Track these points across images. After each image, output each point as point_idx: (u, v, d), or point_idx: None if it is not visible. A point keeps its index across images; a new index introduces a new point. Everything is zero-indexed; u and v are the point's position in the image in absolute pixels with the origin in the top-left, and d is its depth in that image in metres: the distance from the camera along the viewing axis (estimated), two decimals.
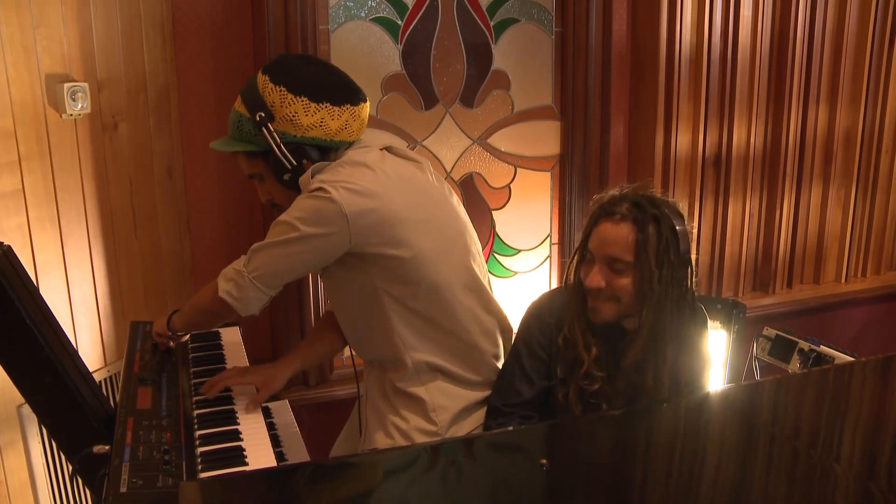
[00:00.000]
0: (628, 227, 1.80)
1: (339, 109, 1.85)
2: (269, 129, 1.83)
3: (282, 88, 1.82)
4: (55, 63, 2.19)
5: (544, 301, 2.03)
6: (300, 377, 2.76)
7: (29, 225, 2.17)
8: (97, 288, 2.39)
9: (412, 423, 1.96)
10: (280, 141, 1.83)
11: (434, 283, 1.89)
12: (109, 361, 2.44)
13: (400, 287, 1.88)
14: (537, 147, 3.06)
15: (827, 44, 3.23)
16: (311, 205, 1.77)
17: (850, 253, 3.55)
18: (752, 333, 3.10)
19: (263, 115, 1.83)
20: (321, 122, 1.84)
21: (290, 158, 1.84)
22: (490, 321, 2.03)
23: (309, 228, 1.77)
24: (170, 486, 1.50)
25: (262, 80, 1.85)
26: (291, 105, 1.82)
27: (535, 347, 1.97)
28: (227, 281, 1.85)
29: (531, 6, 2.93)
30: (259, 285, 1.83)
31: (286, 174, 1.87)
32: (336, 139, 1.87)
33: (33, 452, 2.18)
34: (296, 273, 1.92)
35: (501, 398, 1.99)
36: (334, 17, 2.67)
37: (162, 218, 2.56)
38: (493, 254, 3.09)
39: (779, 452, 1.53)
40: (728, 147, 3.15)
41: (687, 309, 1.89)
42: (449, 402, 1.97)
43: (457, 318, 1.95)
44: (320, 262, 1.86)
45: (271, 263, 1.82)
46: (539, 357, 1.97)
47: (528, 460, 1.48)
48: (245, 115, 1.86)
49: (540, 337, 1.97)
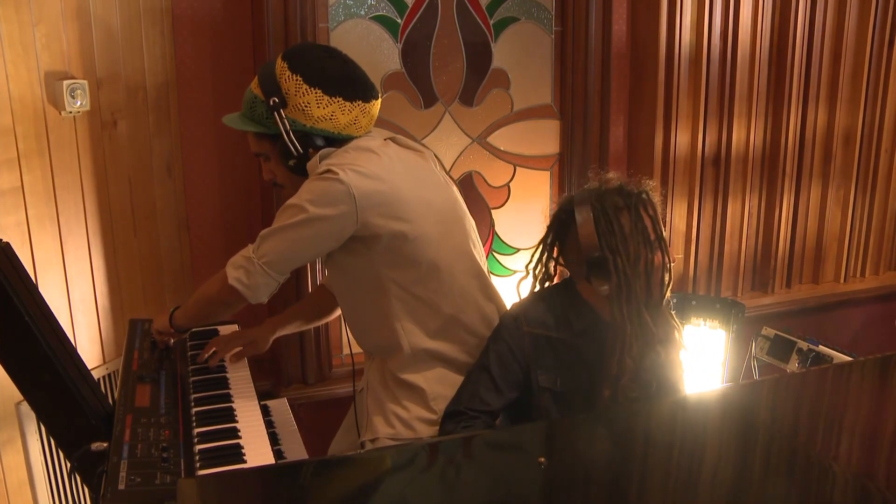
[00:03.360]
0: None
1: (350, 105, 1.89)
2: (281, 116, 1.88)
3: (298, 78, 1.86)
4: (54, 60, 2.19)
5: (519, 312, 1.97)
6: (299, 375, 2.76)
7: (28, 222, 2.17)
8: (96, 285, 2.39)
9: (413, 413, 1.98)
10: (290, 128, 1.88)
11: (435, 263, 1.92)
12: (108, 359, 2.44)
13: (402, 271, 1.90)
14: (537, 146, 3.06)
15: (826, 43, 3.23)
16: (319, 186, 1.81)
17: (849, 253, 3.55)
18: (750, 333, 3.10)
19: (277, 100, 1.87)
20: (332, 115, 1.88)
21: (297, 146, 1.89)
22: (490, 307, 2.06)
23: (318, 209, 1.80)
24: (168, 483, 1.49)
25: (280, 65, 1.89)
26: (305, 95, 1.86)
27: (508, 359, 1.93)
28: (237, 268, 1.88)
29: (531, 5, 2.93)
30: (269, 271, 1.86)
31: (291, 160, 1.92)
32: (344, 133, 1.91)
33: (32, 450, 2.18)
34: (304, 257, 1.97)
35: (464, 404, 1.94)
36: (334, 16, 2.67)
37: (161, 215, 2.56)
38: (493, 252, 3.09)
39: (777, 452, 1.53)
40: (727, 146, 3.15)
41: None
42: (448, 391, 1.99)
43: (457, 302, 1.97)
44: (328, 246, 1.89)
45: (281, 248, 1.85)
46: (511, 368, 1.93)
47: (526, 459, 1.48)
48: (259, 98, 1.91)
49: (514, 348, 1.93)
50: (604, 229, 1.81)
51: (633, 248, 1.81)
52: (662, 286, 1.87)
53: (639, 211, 1.83)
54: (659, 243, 1.84)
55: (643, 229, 1.83)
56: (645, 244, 1.82)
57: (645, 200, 1.85)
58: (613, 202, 1.83)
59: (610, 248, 1.80)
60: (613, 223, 1.81)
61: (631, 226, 1.82)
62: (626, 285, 1.81)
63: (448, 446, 1.66)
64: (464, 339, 2.01)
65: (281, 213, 1.87)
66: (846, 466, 1.46)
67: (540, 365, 1.92)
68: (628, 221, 1.82)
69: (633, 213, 1.83)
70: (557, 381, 1.92)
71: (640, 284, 1.82)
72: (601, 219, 1.81)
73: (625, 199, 1.84)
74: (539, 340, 1.92)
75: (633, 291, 1.81)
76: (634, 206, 1.83)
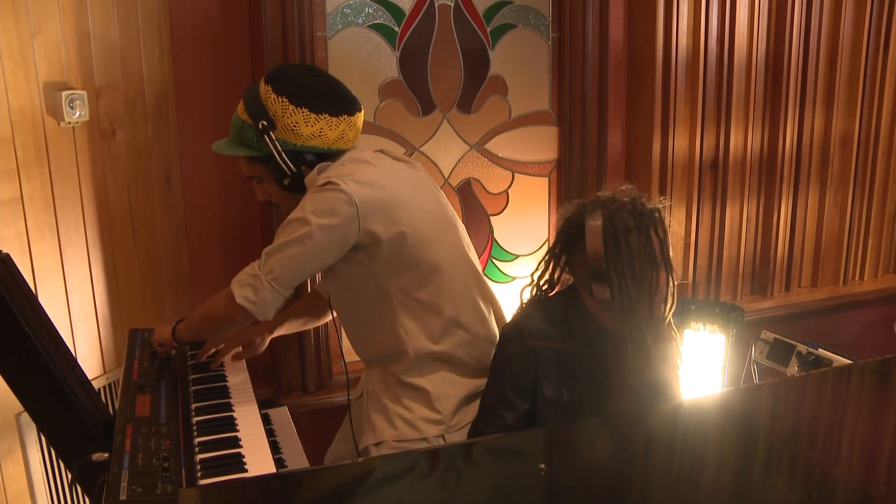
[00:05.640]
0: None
1: (336, 120, 1.94)
2: (272, 137, 1.92)
3: (284, 99, 1.91)
4: (53, 71, 2.19)
5: (521, 324, 1.97)
6: (299, 383, 2.76)
7: (27, 233, 2.17)
8: (96, 295, 2.39)
9: (417, 413, 2.00)
10: (281, 148, 1.92)
11: (436, 264, 1.96)
12: (108, 369, 2.44)
13: (404, 275, 1.94)
14: (535, 152, 3.06)
15: (823, 48, 3.23)
16: (322, 198, 1.85)
17: (847, 256, 3.55)
18: (750, 337, 3.10)
19: (266, 123, 1.91)
20: (320, 132, 1.93)
21: (289, 165, 1.94)
22: (487, 308, 2.10)
23: (322, 220, 1.83)
24: (169, 492, 1.50)
25: (264, 89, 1.93)
26: (293, 115, 1.91)
27: (517, 374, 1.93)
28: (244, 287, 1.89)
29: (528, 12, 2.93)
30: (276, 287, 1.88)
31: (286, 179, 1.96)
32: (333, 147, 1.97)
33: (32, 460, 2.18)
34: (310, 270, 1.98)
35: (486, 424, 1.95)
36: (331, 24, 2.67)
37: (160, 224, 2.56)
38: (492, 259, 3.09)
39: (777, 456, 1.53)
40: (725, 151, 3.15)
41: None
42: (452, 391, 2.02)
43: (457, 303, 2.01)
44: (333, 256, 1.91)
45: (287, 263, 1.88)
46: (521, 382, 1.93)
47: (526, 465, 1.48)
48: (248, 123, 1.95)
49: (522, 363, 1.93)
50: (612, 251, 1.81)
51: (640, 269, 1.81)
52: (665, 306, 1.88)
53: (649, 233, 1.83)
54: (665, 264, 1.84)
55: (651, 252, 1.83)
56: (651, 266, 1.82)
57: (657, 220, 1.85)
58: (624, 222, 1.82)
59: (616, 271, 1.80)
60: (622, 244, 1.81)
61: (639, 247, 1.81)
62: (629, 306, 1.81)
63: (448, 453, 1.66)
64: (464, 339, 2.03)
65: (283, 228, 1.89)
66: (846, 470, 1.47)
67: (545, 376, 1.92)
68: (637, 242, 1.81)
69: (644, 234, 1.83)
70: (563, 393, 1.92)
71: (644, 304, 1.82)
72: (610, 239, 1.81)
73: (636, 219, 1.83)
74: (544, 352, 1.92)
75: (636, 311, 1.81)
76: (646, 228, 1.83)
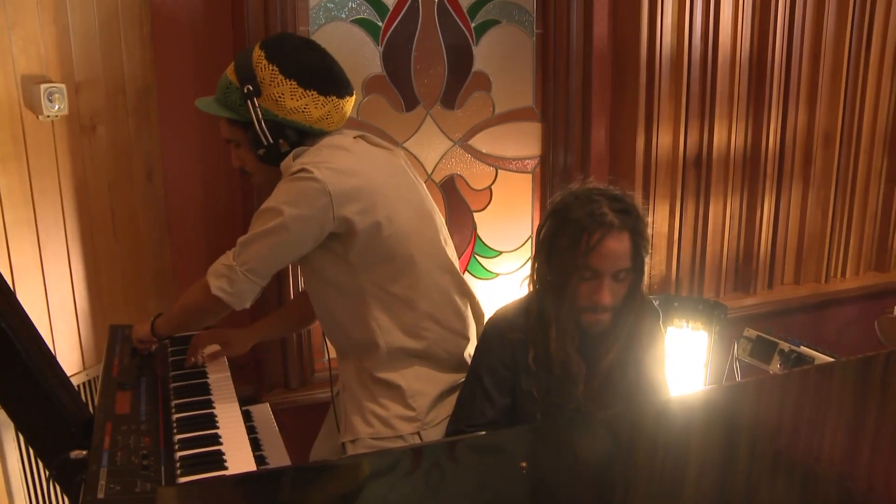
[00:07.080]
0: (626, 236, 1.79)
1: (324, 99, 1.90)
2: (254, 104, 1.89)
3: (274, 68, 1.87)
4: (31, 64, 2.16)
5: (502, 319, 1.97)
6: (281, 380, 2.75)
7: (5, 228, 2.15)
8: (76, 291, 2.36)
9: (391, 411, 1.98)
10: (262, 117, 1.89)
11: (411, 257, 1.93)
12: (88, 365, 2.41)
13: (379, 268, 1.92)
14: (518, 149, 3.06)
15: (806, 46, 3.25)
16: (295, 187, 1.82)
17: (830, 253, 3.57)
18: (733, 334, 3.11)
19: (251, 88, 1.88)
20: (304, 107, 1.89)
21: (267, 135, 1.90)
22: (464, 303, 2.08)
23: (295, 210, 1.81)
24: (148, 491, 1.48)
25: (257, 54, 1.90)
26: (280, 86, 1.87)
27: (497, 367, 1.93)
28: (219, 277, 1.88)
29: (512, 8, 2.93)
30: (252, 277, 1.87)
31: (261, 149, 1.93)
32: (315, 126, 1.93)
33: (9, 459, 2.16)
34: (286, 260, 1.96)
35: (464, 421, 1.95)
36: (314, 19, 2.66)
37: (142, 220, 2.54)
38: (475, 255, 3.08)
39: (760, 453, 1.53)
40: (709, 148, 3.16)
41: (647, 305, 1.95)
42: (426, 388, 2.00)
43: (433, 298, 1.98)
44: (308, 246, 1.89)
45: (262, 253, 1.86)
46: (501, 375, 1.93)
47: (508, 463, 1.48)
48: (234, 84, 1.91)
49: (501, 355, 1.93)
50: (547, 226, 1.87)
51: (558, 261, 1.84)
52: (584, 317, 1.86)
53: (581, 235, 1.78)
54: (585, 273, 1.80)
55: (573, 254, 1.79)
56: (571, 267, 1.80)
57: (603, 233, 1.77)
58: (577, 211, 1.80)
59: (540, 247, 1.88)
60: (555, 225, 1.84)
61: (569, 242, 1.79)
62: (547, 287, 1.87)
63: (430, 451, 1.66)
64: (440, 335, 2.01)
65: (257, 217, 1.87)
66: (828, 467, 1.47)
67: (524, 369, 1.92)
68: (570, 235, 1.79)
69: (578, 233, 1.78)
70: (540, 386, 1.92)
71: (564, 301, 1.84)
72: (550, 216, 1.86)
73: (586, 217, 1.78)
74: (522, 345, 1.92)
75: (556, 296, 1.85)
76: (587, 230, 1.77)
